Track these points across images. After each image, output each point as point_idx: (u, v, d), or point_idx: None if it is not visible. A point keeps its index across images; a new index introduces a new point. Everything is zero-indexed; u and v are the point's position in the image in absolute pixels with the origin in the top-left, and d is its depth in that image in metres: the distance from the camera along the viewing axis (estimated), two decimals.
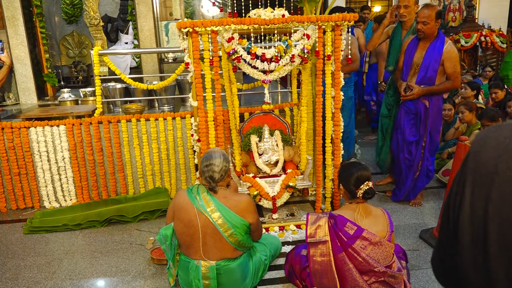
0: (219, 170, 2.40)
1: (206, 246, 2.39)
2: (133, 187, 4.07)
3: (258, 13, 3.02)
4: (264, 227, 3.25)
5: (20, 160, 3.87)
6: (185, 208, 2.39)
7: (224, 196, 2.43)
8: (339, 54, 3.20)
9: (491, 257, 0.76)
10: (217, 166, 2.41)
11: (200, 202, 2.38)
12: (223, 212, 2.36)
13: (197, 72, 3.09)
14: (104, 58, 3.97)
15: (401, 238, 3.20)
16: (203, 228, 2.36)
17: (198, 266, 2.41)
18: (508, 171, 0.74)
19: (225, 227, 2.35)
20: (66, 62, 7.40)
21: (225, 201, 2.40)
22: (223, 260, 2.42)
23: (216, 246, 2.39)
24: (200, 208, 2.37)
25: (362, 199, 2.38)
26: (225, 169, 2.44)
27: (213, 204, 2.37)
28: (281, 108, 4.12)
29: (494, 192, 0.76)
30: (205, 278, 2.40)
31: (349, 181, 2.38)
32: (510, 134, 0.78)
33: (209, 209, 2.36)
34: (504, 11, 8.39)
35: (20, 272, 2.94)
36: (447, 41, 3.41)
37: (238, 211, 2.39)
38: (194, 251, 2.42)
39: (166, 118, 3.96)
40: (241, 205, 2.41)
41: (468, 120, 4.38)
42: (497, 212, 0.75)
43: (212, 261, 2.40)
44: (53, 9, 7.32)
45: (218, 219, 2.35)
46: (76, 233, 3.49)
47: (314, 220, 2.36)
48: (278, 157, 3.46)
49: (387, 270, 2.23)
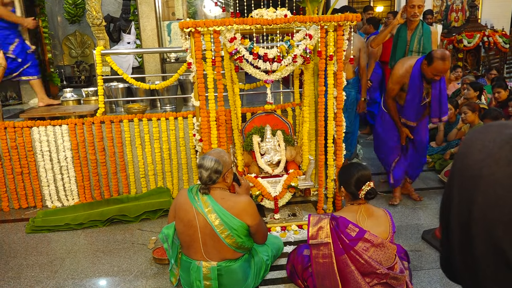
0: (207, 174, 2.35)
1: (206, 247, 2.38)
2: (135, 186, 4.07)
3: (260, 13, 3.02)
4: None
5: (22, 159, 3.88)
6: (185, 208, 2.38)
7: (222, 197, 2.39)
8: (342, 54, 3.20)
9: (477, 258, 0.77)
10: (205, 168, 2.35)
11: (199, 202, 2.37)
12: (219, 213, 2.33)
13: (199, 72, 3.09)
14: (107, 58, 3.97)
15: (403, 238, 3.19)
16: (202, 229, 2.35)
17: (199, 266, 2.40)
18: (492, 176, 0.75)
19: (222, 229, 2.32)
20: (69, 61, 7.41)
21: (223, 202, 2.37)
22: (224, 261, 2.41)
23: (215, 247, 2.37)
24: (198, 208, 2.35)
25: (364, 199, 2.37)
26: (215, 171, 2.36)
27: (210, 205, 2.35)
28: (283, 108, 4.12)
29: (479, 195, 0.76)
30: (206, 279, 2.39)
31: (350, 182, 2.37)
32: (495, 136, 0.77)
33: (207, 209, 2.34)
34: (507, 11, 8.37)
35: (23, 271, 2.95)
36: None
37: (236, 212, 2.35)
38: (194, 252, 2.41)
39: (168, 118, 3.96)
40: (239, 206, 2.37)
41: (471, 121, 4.37)
42: (482, 215, 0.76)
43: (213, 262, 2.39)
44: (55, 9, 7.34)
45: (215, 220, 2.32)
46: (78, 232, 3.50)
47: (315, 222, 2.34)
48: (280, 157, 3.46)
49: (389, 272, 2.22)
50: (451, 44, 7.34)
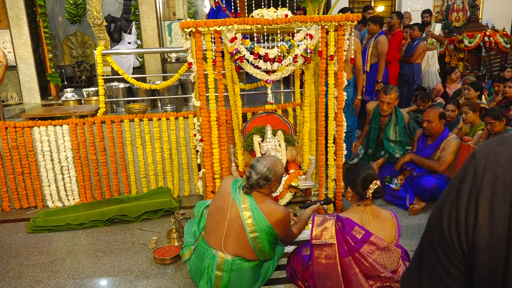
0: (256, 178, 2.39)
1: (228, 238, 2.39)
2: (135, 186, 4.07)
3: (261, 13, 3.02)
4: None
5: (23, 159, 3.88)
6: (224, 194, 2.44)
7: (263, 201, 2.42)
8: (342, 54, 3.20)
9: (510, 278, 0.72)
10: (256, 172, 2.40)
11: (238, 196, 2.41)
12: (255, 213, 2.36)
13: (200, 72, 3.09)
14: (107, 58, 3.97)
15: (404, 238, 3.19)
16: (230, 220, 2.38)
17: (215, 255, 2.41)
18: None
19: (252, 229, 2.35)
20: (70, 61, 7.42)
21: (262, 205, 2.40)
22: (239, 258, 2.41)
23: (237, 242, 2.39)
24: (236, 201, 2.39)
25: (372, 198, 2.37)
26: (265, 178, 2.40)
27: (248, 203, 2.39)
28: (284, 108, 4.12)
29: None
30: (219, 269, 2.40)
31: (357, 182, 2.36)
32: None
33: (244, 205, 2.38)
34: (508, 11, 8.35)
35: (23, 271, 2.95)
36: (451, 135, 3.74)
37: (271, 219, 2.37)
38: (215, 239, 2.43)
39: (169, 118, 3.96)
40: (275, 215, 2.39)
41: (472, 121, 4.36)
42: None
43: (228, 256, 2.40)
44: (56, 9, 7.34)
45: (248, 218, 2.36)
46: (79, 232, 3.50)
47: (320, 222, 2.33)
48: (280, 157, 3.45)
49: (393, 275, 2.21)
50: (452, 44, 7.34)
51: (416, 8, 7.80)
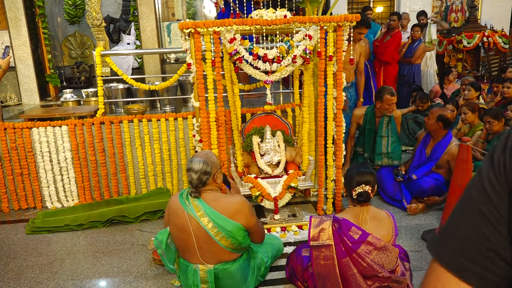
0: (197, 176, 2.31)
1: (202, 250, 2.36)
2: (135, 187, 4.07)
3: (260, 14, 3.02)
4: (266, 227, 3.25)
5: (22, 160, 3.88)
6: (177, 213, 2.36)
7: (214, 199, 2.36)
8: (341, 55, 3.20)
9: None
10: (194, 171, 2.32)
11: (190, 206, 2.34)
12: (212, 216, 2.30)
13: (199, 72, 3.09)
14: (106, 58, 3.97)
15: (403, 239, 3.19)
16: (195, 233, 2.32)
17: (196, 270, 2.38)
18: None
19: (215, 231, 2.30)
20: (69, 62, 7.42)
21: (215, 204, 2.34)
22: (221, 264, 2.39)
23: (211, 250, 2.35)
24: (190, 212, 2.32)
25: (356, 201, 2.37)
26: (204, 173, 2.32)
27: (202, 209, 2.32)
28: (283, 109, 4.12)
29: None
30: (204, 282, 2.38)
31: (347, 182, 2.40)
32: None
33: (198, 213, 2.31)
34: (506, 11, 8.37)
35: (22, 272, 2.95)
36: (453, 142, 3.65)
37: (229, 214, 2.32)
38: (190, 255, 2.40)
39: (168, 119, 3.96)
40: (232, 207, 2.34)
41: (471, 121, 4.37)
42: None
43: (210, 265, 2.38)
44: (55, 9, 7.34)
45: (208, 223, 2.29)
46: (78, 233, 3.50)
47: (317, 223, 2.32)
48: (280, 157, 3.46)
49: (391, 275, 2.21)
50: (451, 44, 7.34)
51: (415, 9, 7.80)
